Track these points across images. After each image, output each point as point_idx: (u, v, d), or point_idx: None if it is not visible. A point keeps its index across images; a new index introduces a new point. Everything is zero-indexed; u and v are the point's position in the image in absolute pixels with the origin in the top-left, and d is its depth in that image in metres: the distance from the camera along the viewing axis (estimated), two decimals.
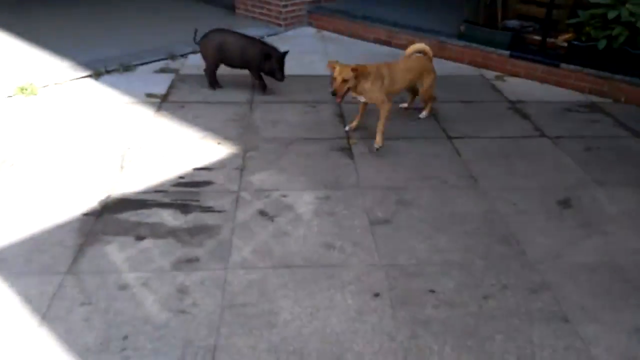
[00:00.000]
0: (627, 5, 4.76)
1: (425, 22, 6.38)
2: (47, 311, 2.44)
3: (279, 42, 6.43)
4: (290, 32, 6.82)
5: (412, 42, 6.12)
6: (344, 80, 3.69)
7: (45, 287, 2.57)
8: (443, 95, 5.11)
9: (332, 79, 3.72)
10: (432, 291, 2.71)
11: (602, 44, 4.91)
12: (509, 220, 3.29)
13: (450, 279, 2.79)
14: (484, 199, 3.50)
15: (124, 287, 2.60)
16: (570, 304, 2.66)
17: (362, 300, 2.62)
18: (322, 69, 5.60)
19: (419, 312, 2.57)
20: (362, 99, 4.02)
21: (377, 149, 3.94)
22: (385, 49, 6.35)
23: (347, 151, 4.00)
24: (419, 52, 4.37)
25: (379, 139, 3.95)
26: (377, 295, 2.66)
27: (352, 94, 3.90)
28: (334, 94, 3.70)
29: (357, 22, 6.65)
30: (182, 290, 2.60)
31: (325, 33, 6.89)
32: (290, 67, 5.63)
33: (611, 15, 4.76)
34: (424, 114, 4.59)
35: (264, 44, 4.78)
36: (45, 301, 2.49)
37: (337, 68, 3.70)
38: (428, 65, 4.33)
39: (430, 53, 4.39)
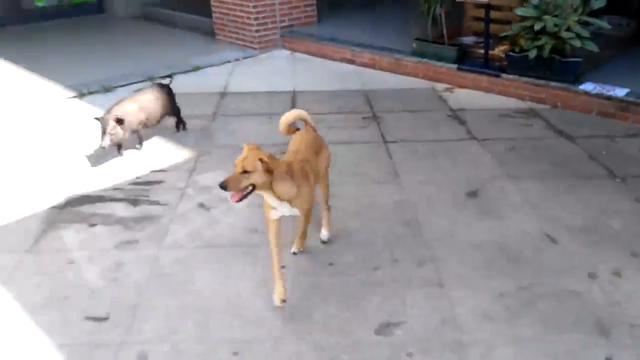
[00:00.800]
0: (546, 17, 5.24)
1: (385, 41, 6.93)
2: (8, 279, 3.03)
3: (253, 64, 7.11)
4: (265, 55, 7.45)
5: (373, 60, 6.81)
6: (245, 172, 2.50)
7: (8, 262, 3.16)
8: (391, 106, 5.64)
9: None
10: (332, 264, 3.19)
11: (532, 54, 5.38)
12: (417, 208, 3.75)
13: (350, 255, 3.26)
14: (401, 191, 3.98)
15: (71, 261, 3.16)
16: (448, 274, 3.10)
17: (270, 272, 3.11)
18: (285, 87, 6.19)
19: (315, 280, 3.04)
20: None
21: (295, 253, 3.21)
22: (350, 67, 6.91)
23: None
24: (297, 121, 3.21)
25: (300, 242, 3.20)
26: (283, 267, 3.14)
27: (267, 194, 2.68)
28: (224, 187, 2.48)
29: (325, 44, 7.24)
30: (119, 264, 3.13)
31: (298, 54, 7.49)
32: (258, 84, 6.28)
33: (537, 26, 5.24)
34: (324, 233, 3.39)
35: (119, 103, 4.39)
36: (7, 272, 3.08)
37: (244, 152, 2.56)
38: (318, 137, 3.22)
39: (311, 121, 3.20)
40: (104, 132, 4.07)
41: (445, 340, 2.63)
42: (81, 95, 5.70)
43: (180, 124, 4.95)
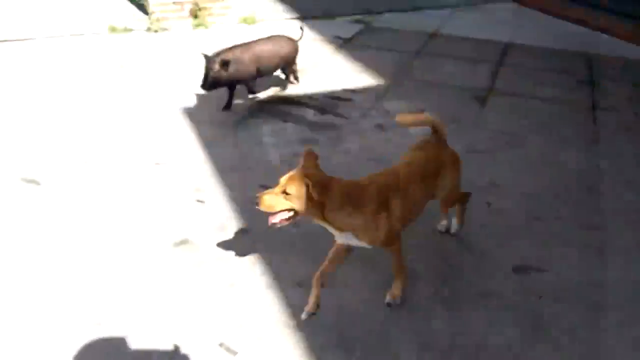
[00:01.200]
0: None
1: (630, 7, 6.05)
2: (213, 142, 3.72)
3: (475, 11, 6.94)
4: (490, 5, 7.15)
5: (611, 25, 6.01)
6: (285, 193, 2.05)
7: (215, 133, 3.84)
8: (616, 74, 5.02)
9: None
10: (489, 204, 3.13)
11: None
12: (605, 177, 3.40)
13: (512, 201, 3.15)
14: (593, 157, 3.63)
15: (260, 143, 3.69)
16: (614, 243, 2.83)
17: None
18: (500, 37, 5.92)
19: (470, 214, 2.99)
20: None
21: (389, 304, 2.41)
22: (581, 29, 6.27)
23: (480, 99, 4.42)
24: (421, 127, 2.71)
25: (396, 290, 2.41)
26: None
27: (320, 223, 2.17)
28: (257, 203, 2.06)
29: (559, 1, 6.63)
30: (296, 154, 3.54)
31: (526, 9, 7.02)
32: (473, 31, 6.12)
33: None
34: (455, 225, 2.88)
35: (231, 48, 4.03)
36: (216, 137, 3.77)
37: (294, 170, 2.11)
38: (447, 152, 2.54)
39: (444, 130, 2.55)
40: (207, 74, 3.84)
41: (583, 297, 2.48)
42: (303, 18, 6.28)
43: (295, 77, 4.59)
